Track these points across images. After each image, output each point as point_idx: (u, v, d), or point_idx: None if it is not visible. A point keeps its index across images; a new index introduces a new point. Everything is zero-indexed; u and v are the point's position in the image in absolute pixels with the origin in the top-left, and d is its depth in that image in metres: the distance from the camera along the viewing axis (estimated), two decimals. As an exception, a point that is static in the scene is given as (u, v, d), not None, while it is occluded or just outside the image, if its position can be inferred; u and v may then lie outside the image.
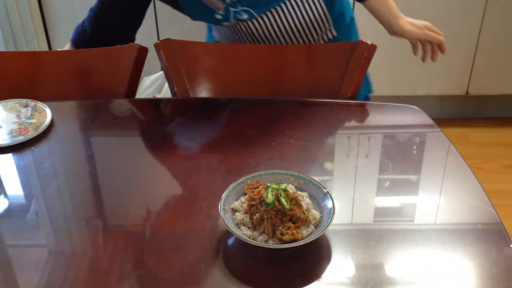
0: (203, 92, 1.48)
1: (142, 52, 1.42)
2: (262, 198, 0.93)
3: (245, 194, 0.98)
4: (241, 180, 0.99)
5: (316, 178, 0.99)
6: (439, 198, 1.04)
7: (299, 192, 0.97)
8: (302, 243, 0.88)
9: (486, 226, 0.96)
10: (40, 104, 1.32)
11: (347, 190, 1.06)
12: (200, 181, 1.10)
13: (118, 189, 1.09)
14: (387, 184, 1.07)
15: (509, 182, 2.48)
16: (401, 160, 1.13)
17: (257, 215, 0.92)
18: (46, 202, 1.04)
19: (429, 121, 1.26)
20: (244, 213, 0.95)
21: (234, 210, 0.96)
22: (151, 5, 1.42)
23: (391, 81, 2.75)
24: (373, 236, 0.94)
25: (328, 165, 1.13)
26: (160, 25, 2.62)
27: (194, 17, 1.46)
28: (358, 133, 1.25)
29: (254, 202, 0.94)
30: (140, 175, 1.13)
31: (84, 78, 1.47)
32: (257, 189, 0.96)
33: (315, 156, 1.17)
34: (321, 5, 1.46)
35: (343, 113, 1.32)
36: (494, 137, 2.78)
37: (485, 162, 2.60)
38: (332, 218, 0.90)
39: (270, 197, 0.92)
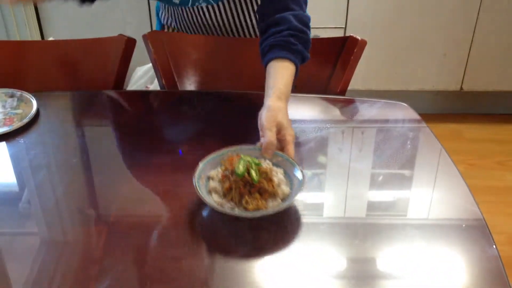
0: (191, 85, 1.47)
1: (130, 43, 1.41)
2: (233, 169, 0.97)
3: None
4: (222, 152, 1.04)
5: (301, 171, 0.99)
6: (423, 195, 1.04)
7: (274, 168, 1.01)
8: (264, 213, 0.93)
9: (470, 225, 0.96)
10: (26, 95, 1.30)
11: (331, 183, 1.06)
12: (185, 173, 1.09)
13: (103, 180, 1.09)
14: (376, 179, 1.07)
15: (502, 179, 2.48)
16: (387, 156, 1.13)
17: (227, 184, 0.97)
18: (30, 192, 1.04)
19: (416, 117, 1.25)
20: (218, 182, 0.99)
21: (210, 178, 1.00)
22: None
23: (384, 76, 2.74)
24: (358, 232, 0.93)
25: (319, 159, 1.12)
26: (153, 16, 2.60)
27: None
28: (346, 128, 1.25)
29: (227, 172, 0.98)
30: (126, 167, 1.13)
31: (71, 69, 1.46)
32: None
33: (303, 150, 1.16)
34: None
35: (331, 109, 1.31)
36: (487, 134, 2.78)
37: (478, 158, 2.60)
38: (296, 193, 0.95)
39: (240, 168, 0.96)
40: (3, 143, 1.17)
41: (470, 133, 2.78)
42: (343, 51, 1.38)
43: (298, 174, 0.99)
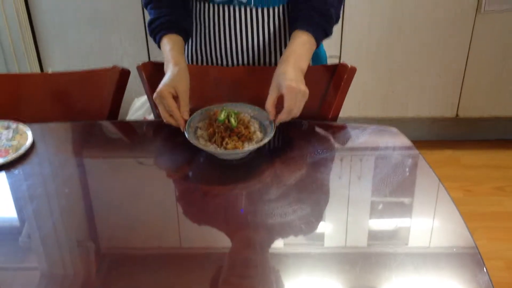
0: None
1: (124, 74, 1.43)
2: (217, 118, 1.20)
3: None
4: (209, 107, 1.27)
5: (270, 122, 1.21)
6: (414, 221, 1.04)
7: (252, 120, 1.25)
8: (240, 152, 1.16)
9: (461, 250, 0.96)
10: (21, 126, 1.32)
11: (318, 208, 1.06)
12: (178, 201, 1.11)
13: (99, 210, 1.09)
14: (375, 207, 1.07)
15: (499, 204, 2.48)
16: (377, 182, 1.13)
17: (210, 129, 1.20)
18: (25, 224, 1.04)
19: (407, 142, 1.26)
20: (205, 130, 1.22)
21: (198, 128, 1.24)
22: (142, 26, 1.40)
23: (380, 103, 2.76)
24: (347, 260, 0.93)
25: (311, 186, 1.13)
26: (150, 45, 2.64)
27: None
28: (338, 154, 1.25)
29: (212, 121, 1.22)
30: (122, 196, 1.13)
31: (67, 100, 1.47)
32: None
33: (294, 176, 1.17)
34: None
35: (322, 135, 1.32)
36: (484, 159, 2.78)
37: (475, 184, 2.60)
38: (268, 138, 1.17)
39: (222, 116, 1.20)
40: (0, 174, 1.18)
41: (467, 159, 2.79)
42: (333, 78, 1.39)
43: (270, 125, 1.21)
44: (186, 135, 1.19)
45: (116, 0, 2.58)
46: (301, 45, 1.28)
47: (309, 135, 1.32)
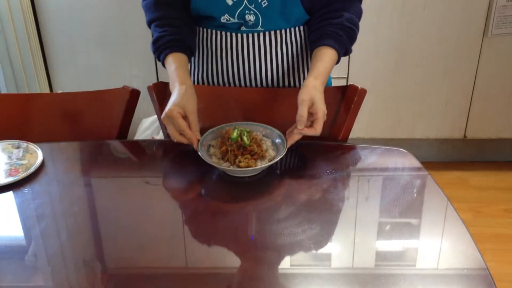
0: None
1: (134, 94, 1.44)
2: (229, 136, 1.22)
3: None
4: (221, 126, 1.29)
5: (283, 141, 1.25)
6: (424, 242, 1.03)
7: (264, 138, 1.26)
8: (253, 170, 1.17)
9: (472, 272, 0.95)
10: (31, 145, 1.33)
11: (328, 228, 1.06)
12: (187, 221, 1.11)
13: (108, 230, 1.09)
14: (383, 227, 1.07)
15: (509, 226, 2.45)
16: (387, 203, 1.13)
17: (223, 147, 1.21)
18: (35, 244, 1.04)
19: (417, 163, 1.26)
20: (217, 148, 1.24)
21: (211, 146, 1.26)
22: (150, 48, 1.41)
23: (388, 124, 2.76)
24: (356, 281, 0.93)
25: (321, 206, 1.13)
26: (159, 68, 2.66)
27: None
28: (347, 174, 1.25)
29: (225, 140, 1.23)
30: (131, 216, 1.13)
31: (77, 120, 1.49)
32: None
33: (304, 195, 1.17)
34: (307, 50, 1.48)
35: (333, 155, 1.32)
36: (493, 181, 2.77)
37: (485, 206, 2.59)
38: (280, 156, 1.19)
39: (235, 134, 1.21)
40: (9, 193, 1.19)
41: (476, 180, 2.78)
42: (343, 100, 1.40)
43: (282, 143, 1.23)
44: (200, 153, 1.19)
45: (124, 23, 2.61)
46: (331, 61, 1.33)
47: (319, 155, 1.32)
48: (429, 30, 2.53)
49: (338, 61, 1.36)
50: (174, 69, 1.31)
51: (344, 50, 1.36)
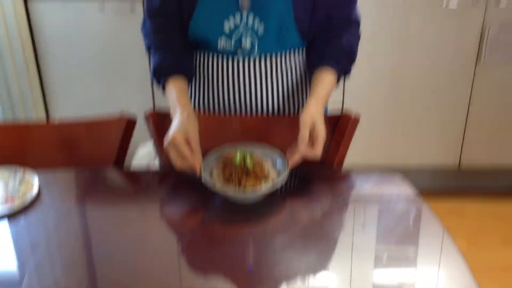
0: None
1: (131, 124, 1.45)
2: (232, 160, 1.21)
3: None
4: (221, 148, 1.28)
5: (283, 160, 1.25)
6: (421, 271, 1.03)
7: (264, 156, 1.27)
8: (259, 193, 1.17)
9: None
10: (28, 173, 1.33)
11: (324, 257, 1.06)
12: (182, 251, 1.10)
13: (100, 262, 1.08)
14: (380, 256, 1.07)
15: (505, 256, 2.45)
16: (384, 231, 1.13)
17: (227, 171, 1.21)
18: (29, 274, 1.03)
19: (413, 190, 1.26)
20: (220, 171, 1.23)
21: (213, 170, 1.24)
22: (147, 76, 1.43)
23: (383, 151, 2.77)
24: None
25: (316, 235, 1.13)
26: (156, 93, 2.68)
27: (199, 22, 1.38)
28: (343, 202, 1.26)
29: (227, 163, 1.23)
30: (125, 248, 1.12)
31: (73, 149, 1.49)
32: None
33: (299, 224, 1.17)
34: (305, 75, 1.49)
35: (328, 183, 1.33)
36: (488, 210, 2.77)
37: (481, 235, 2.58)
38: (283, 177, 1.19)
39: (238, 158, 1.21)
40: (5, 222, 1.18)
41: (471, 210, 2.77)
42: (337, 129, 1.41)
43: (282, 163, 1.24)
44: (203, 179, 1.19)
45: (122, 52, 2.63)
46: (331, 85, 1.35)
47: (314, 183, 1.32)
48: (423, 58, 2.55)
49: (338, 81, 1.38)
50: (175, 94, 1.33)
51: (344, 70, 1.38)
